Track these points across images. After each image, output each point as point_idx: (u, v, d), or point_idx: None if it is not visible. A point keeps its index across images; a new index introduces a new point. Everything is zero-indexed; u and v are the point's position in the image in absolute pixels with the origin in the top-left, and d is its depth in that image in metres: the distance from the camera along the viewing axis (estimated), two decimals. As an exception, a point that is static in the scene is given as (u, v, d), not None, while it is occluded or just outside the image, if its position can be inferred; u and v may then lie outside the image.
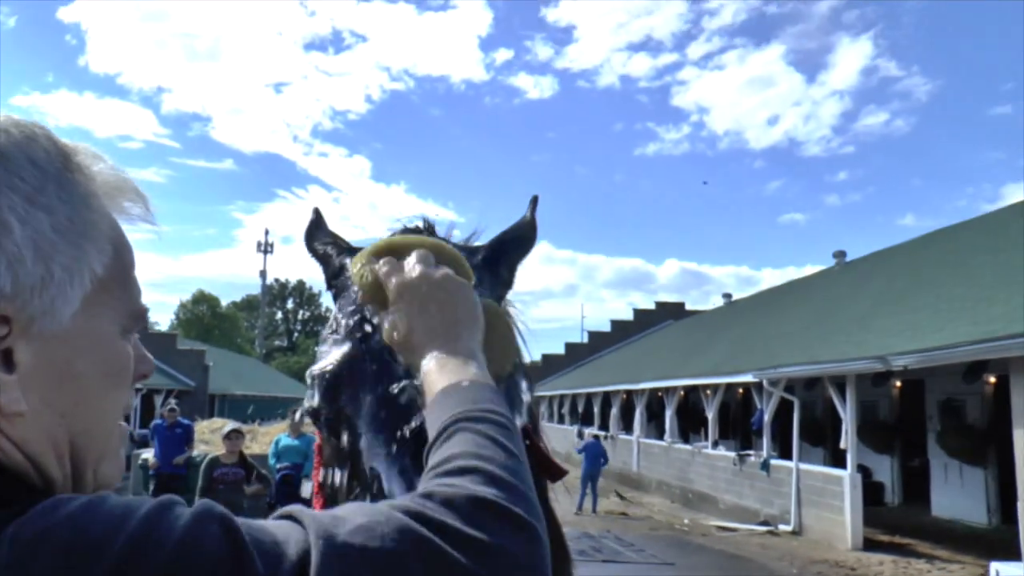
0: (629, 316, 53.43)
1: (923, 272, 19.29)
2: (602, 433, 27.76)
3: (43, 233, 0.81)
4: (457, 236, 1.56)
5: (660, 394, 26.64)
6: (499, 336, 1.26)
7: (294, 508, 0.83)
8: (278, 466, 12.41)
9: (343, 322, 1.33)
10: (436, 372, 1.06)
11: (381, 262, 1.20)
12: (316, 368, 1.32)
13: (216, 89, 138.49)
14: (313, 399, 1.31)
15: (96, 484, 0.89)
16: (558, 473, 1.51)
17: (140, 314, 0.94)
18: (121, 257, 0.91)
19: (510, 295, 1.54)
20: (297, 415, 13.23)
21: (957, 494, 17.95)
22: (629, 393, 29.61)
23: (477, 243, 1.55)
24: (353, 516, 0.79)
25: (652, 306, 53.49)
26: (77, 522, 0.70)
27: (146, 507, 0.74)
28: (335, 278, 1.47)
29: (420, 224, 1.48)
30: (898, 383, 19.59)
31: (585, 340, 53.55)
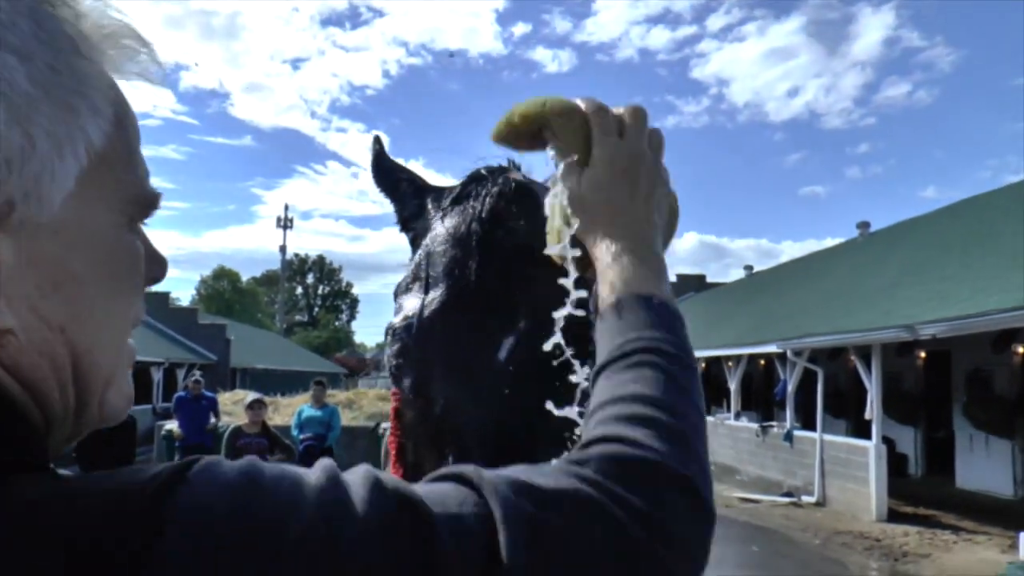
0: (649, 289, 53.26)
1: (950, 242, 19.02)
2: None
3: (16, 85, 0.60)
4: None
5: (682, 366, 26.53)
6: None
7: (462, 468, 0.68)
8: (301, 437, 12.41)
9: (433, 267, 1.19)
10: (625, 267, 0.86)
11: (590, 108, 0.95)
12: (398, 319, 1.20)
13: (234, 66, 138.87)
14: (393, 353, 1.18)
15: (101, 417, 0.72)
16: None
17: (150, 200, 0.75)
18: (123, 124, 0.71)
19: None
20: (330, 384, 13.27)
21: (983, 465, 17.79)
22: (650, 365, 29.52)
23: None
24: (532, 479, 0.65)
25: (673, 279, 53.15)
26: (240, 501, 0.57)
27: (316, 481, 0.60)
28: (413, 219, 1.33)
29: (500, 163, 1.33)
30: (923, 354, 19.42)
31: (605, 313, 53.47)
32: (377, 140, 1.45)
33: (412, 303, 1.18)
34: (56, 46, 0.64)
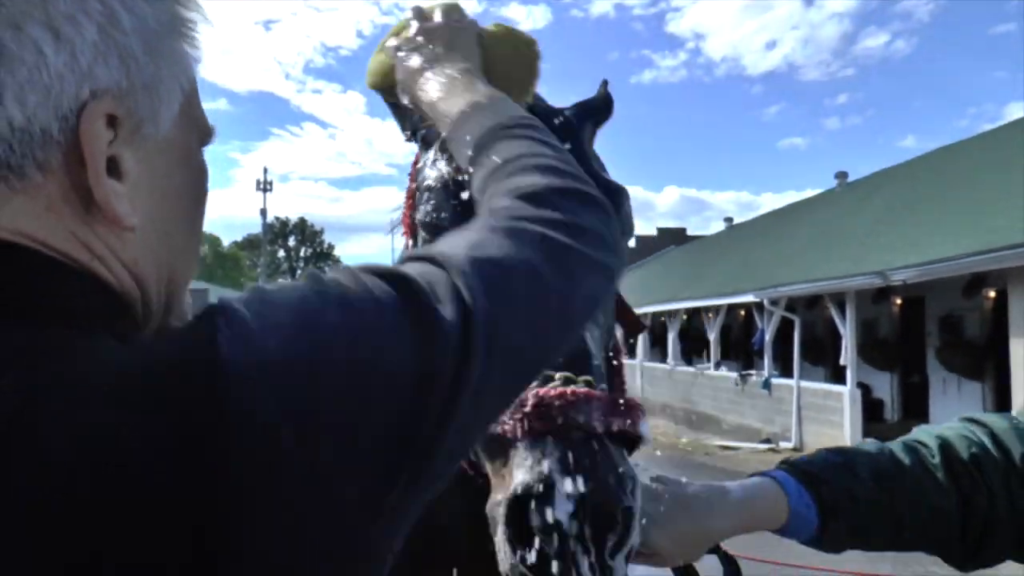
0: (631, 243, 53.36)
1: (925, 189, 19.20)
2: (606, 359, 27.92)
3: (149, 25, 0.71)
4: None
5: (663, 318, 26.80)
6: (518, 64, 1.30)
7: (429, 250, 0.80)
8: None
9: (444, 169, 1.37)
10: (445, 94, 1.10)
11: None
12: (434, 178, 1.37)
13: (205, 29, 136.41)
14: (429, 208, 1.35)
15: (179, 317, 0.83)
16: (636, 327, 1.64)
17: (211, 131, 0.87)
18: (196, 74, 0.83)
19: None
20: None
21: (955, 408, 18.12)
22: (632, 319, 29.74)
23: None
24: (471, 242, 0.81)
25: (654, 232, 53.40)
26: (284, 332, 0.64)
27: (323, 288, 0.70)
28: (417, 126, 1.52)
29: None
30: (899, 300, 19.67)
31: (588, 269, 53.59)
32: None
33: (433, 200, 1.38)
34: (168, 2, 0.75)
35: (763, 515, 1.27)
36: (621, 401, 1.12)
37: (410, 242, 1.45)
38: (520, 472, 1.06)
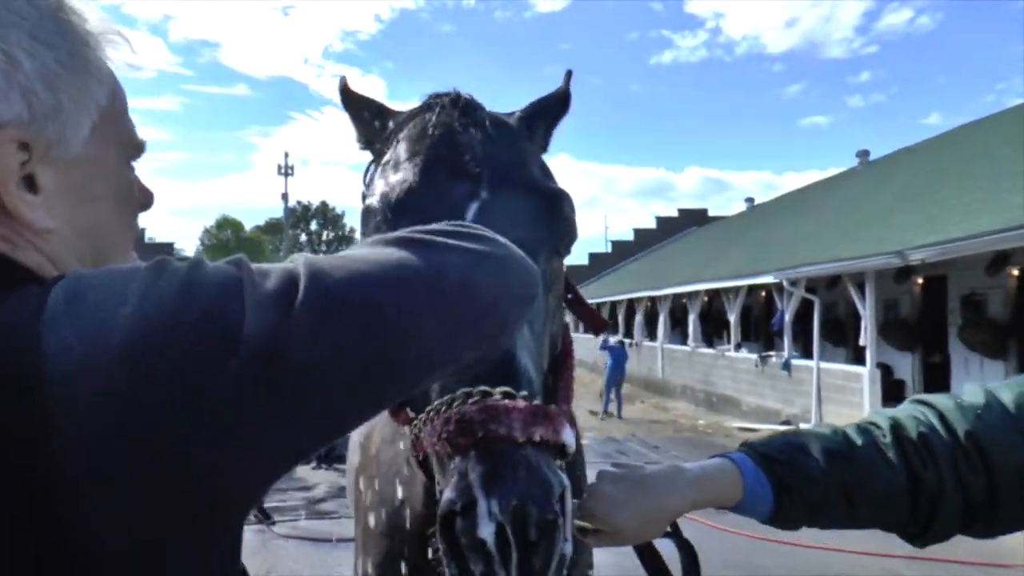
0: (652, 225, 53.24)
1: (946, 167, 18.98)
2: (627, 340, 27.95)
3: (48, 66, 0.87)
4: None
5: (683, 299, 26.73)
6: None
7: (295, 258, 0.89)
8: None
9: (399, 162, 1.39)
10: None
11: None
12: (375, 199, 1.38)
13: (223, 15, 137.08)
14: (371, 229, 1.36)
15: None
16: (599, 323, 1.66)
17: (140, 145, 1.04)
18: (116, 92, 0.98)
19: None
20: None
21: (978, 388, 17.99)
22: (653, 300, 29.75)
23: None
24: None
25: (675, 214, 53.19)
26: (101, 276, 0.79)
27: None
28: (373, 136, 1.57)
29: (454, 95, 1.52)
30: (920, 280, 19.50)
31: (609, 250, 53.53)
32: (342, 80, 1.70)
33: (384, 188, 1.38)
34: (72, 41, 0.90)
35: (718, 492, 1.32)
36: (543, 409, 1.13)
37: None
38: (447, 490, 1.09)
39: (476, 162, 1.34)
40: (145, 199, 1.07)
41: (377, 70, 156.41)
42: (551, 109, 1.62)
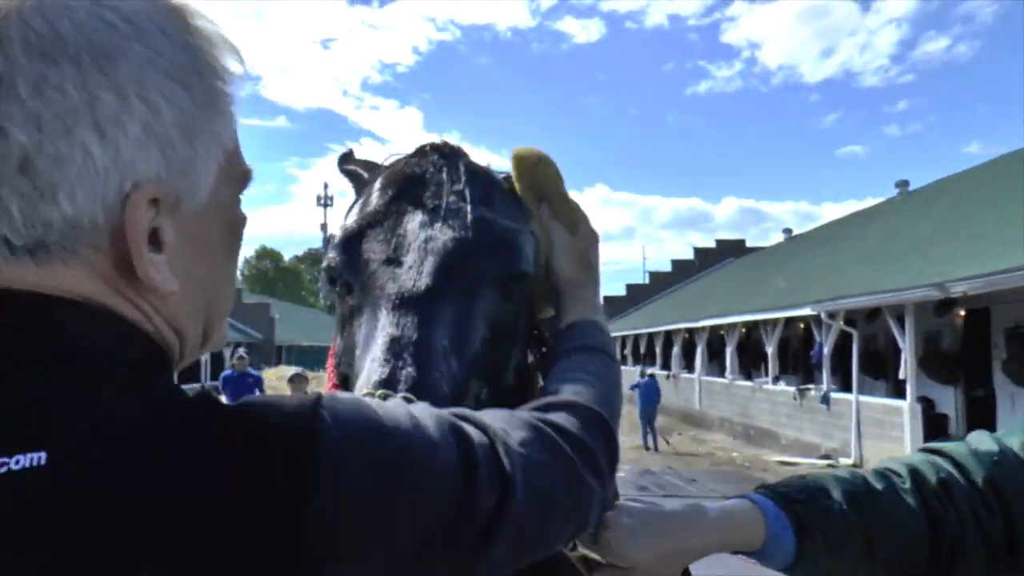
0: (689, 255, 52.97)
1: (987, 197, 18.71)
2: (664, 372, 27.77)
3: (187, 111, 0.78)
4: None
5: (720, 331, 26.53)
6: None
7: (484, 422, 0.93)
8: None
9: (367, 202, 1.42)
10: (590, 303, 1.41)
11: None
12: (337, 230, 1.42)
13: (264, 48, 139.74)
14: (331, 256, 1.38)
15: (216, 344, 0.95)
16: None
17: (249, 175, 0.94)
18: (235, 122, 0.88)
19: None
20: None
21: (1024, 423, 17.61)
22: (690, 331, 29.53)
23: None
24: (513, 431, 0.94)
25: (712, 244, 52.88)
26: (384, 433, 0.79)
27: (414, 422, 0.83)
28: (362, 188, 1.57)
29: (440, 143, 1.53)
30: (962, 312, 19.17)
31: (646, 281, 53.31)
32: (348, 150, 1.72)
33: (347, 222, 1.43)
34: (204, 75, 0.81)
35: (741, 534, 1.29)
36: None
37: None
38: None
39: (438, 197, 1.37)
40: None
41: (416, 102, 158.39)
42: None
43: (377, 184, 1.45)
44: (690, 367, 30.02)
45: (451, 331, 1.24)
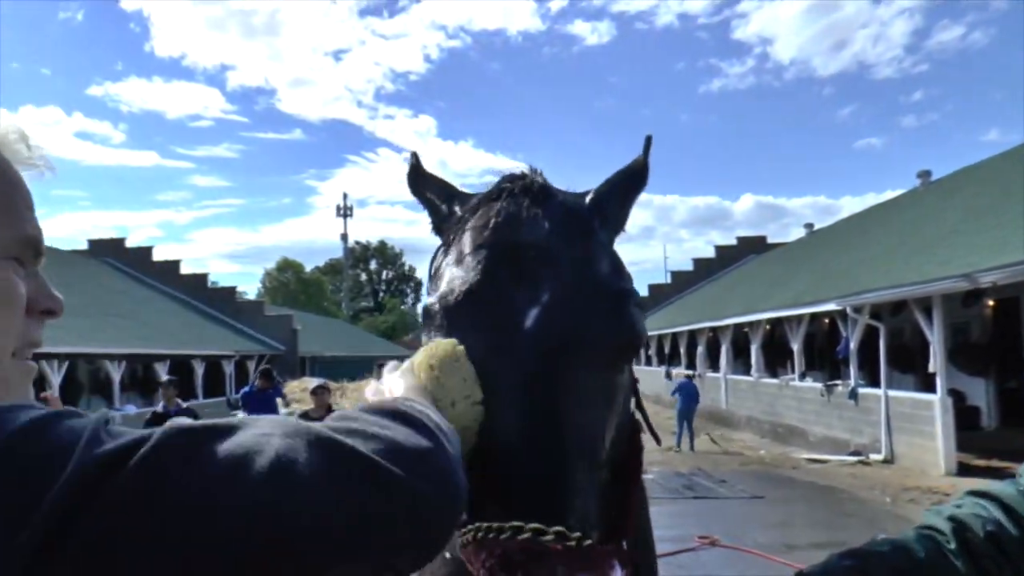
0: (711, 254, 52.76)
1: (1012, 186, 18.47)
2: (689, 372, 27.61)
3: None
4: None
5: (745, 329, 26.38)
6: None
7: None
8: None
9: (461, 257, 1.33)
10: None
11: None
12: (432, 299, 1.32)
13: (277, 62, 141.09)
14: (431, 333, 1.30)
15: None
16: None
17: (29, 240, 0.88)
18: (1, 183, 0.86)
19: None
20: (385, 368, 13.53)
21: (1058, 413, 17.38)
22: (714, 330, 29.40)
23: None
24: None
25: (733, 242, 52.65)
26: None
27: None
28: (442, 221, 1.49)
29: (522, 170, 1.46)
30: (991, 302, 18.97)
31: (668, 280, 53.13)
32: (414, 155, 1.60)
33: (444, 285, 1.32)
34: None
35: None
36: (589, 552, 1.08)
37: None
38: None
39: (539, 262, 1.27)
40: (47, 303, 0.92)
41: (430, 109, 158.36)
42: (628, 184, 1.52)
43: (465, 242, 1.35)
44: (715, 366, 29.87)
45: (577, 430, 1.17)
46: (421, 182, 1.57)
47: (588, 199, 1.45)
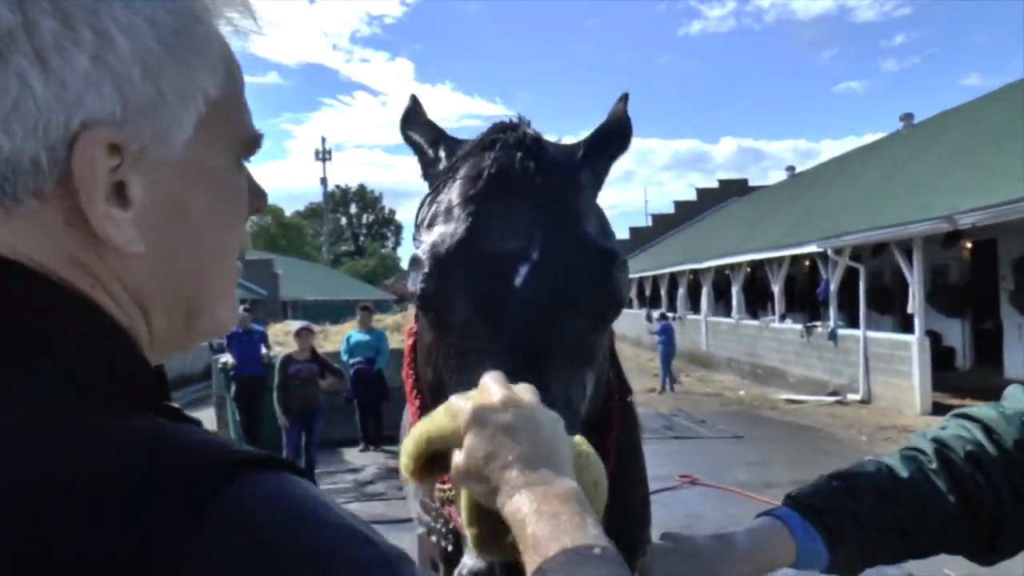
0: (692, 196, 52.78)
1: (993, 128, 18.51)
2: (670, 314, 27.79)
3: (149, 47, 0.69)
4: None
5: (726, 271, 26.52)
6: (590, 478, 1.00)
7: None
8: (351, 361, 12.76)
9: (451, 207, 1.32)
10: (544, 520, 0.84)
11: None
12: (423, 249, 1.31)
13: (241, 28, 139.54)
14: (418, 281, 1.29)
15: (213, 328, 0.84)
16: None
17: (255, 140, 0.85)
18: (234, 77, 0.81)
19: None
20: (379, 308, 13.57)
21: (1032, 353, 17.66)
22: (695, 272, 29.54)
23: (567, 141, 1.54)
24: None
25: (715, 185, 52.65)
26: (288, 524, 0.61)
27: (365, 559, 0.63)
28: (430, 167, 1.49)
29: (513, 119, 1.45)
30: (969, 244, 19.13)
31: (649, 224, 53.20)
32: (413, 98, 1.59)
33: (433, 235, 1.31)
34: (179, 13, 0.72)
35: (772, 557, 1.30)
36: None
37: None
38: (467, 555, 1.09)
39: (530, 217, 1.28)
40: (257, 202, 0.88)
41: (406, 52, 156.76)
42: (612, 144, 1.54)
43: (456, 192, 1.34)
44: (696, 308, 30.08)
45: (562, 395, 1.18)
46: (413, 125, 1.56)
47: (579, 154, 1.47)
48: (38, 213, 0.68)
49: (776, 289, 22.39)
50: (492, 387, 0.98)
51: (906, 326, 17.95)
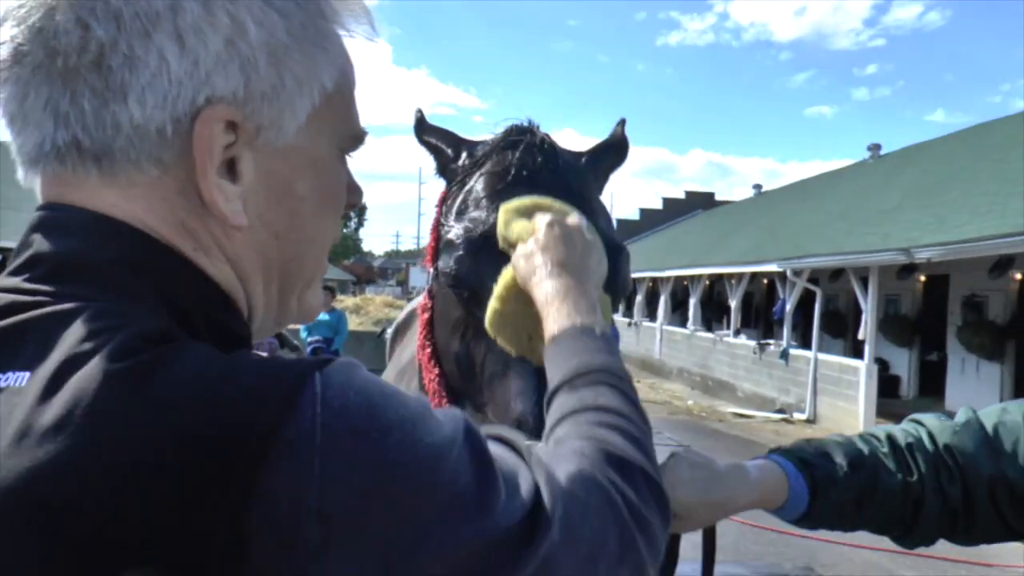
0: (658, 205, 53.12)
1: (956, 166, 18.97)
2: (626, 320, 28.01)
3: (277, 37, 0.76)
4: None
5: (685, 282, 26.78)
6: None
7: (515, 440, 0.82)
8: (309, 339, 12.87)
9: (481, 198, 1.46)
10: (569, 303, 1.08)
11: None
12: (455, 233, 1.45)
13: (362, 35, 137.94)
14: (452, 262, 1.42)
15: (301, 313, 0.89)
16: None
17: (360, 136, 0.90)
18: (347, 74, 0.86)
19: None
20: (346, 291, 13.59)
21: (972, 388, 18.09)
22: (655, 280, 29.77)
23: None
24: (559, 462, 0.81)
25: (681, 196, 53.02)
26: (372, 404, 0.67)
27: (414, 407, 0.70)
28: (449, 164, 1.63)
29: (526, 123, 1.58)
30: (923, 277, 19.56)
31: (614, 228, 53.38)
32: (418, 111, 1.74)
33: (467, 221, 1.46)
34: (307, 9, 0.79)
35: (772, 493, 1.41)
36: None
37: (431, 271, 1.56)
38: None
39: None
40: (354, 197, 0.93)
41: (383, 35, 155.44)
42: (610, 157, 1.71)
43: (484, 184, 1.48)
44: (652, 316, 30.34)
45: None
46: (427, 132, 1.71)
47: (585, 161, 1.63)
48: (156, 180, 0.75)
49: (733, 304, 22.70)
50: (570, 211, 1.29)
51: (856, 351, 18.33)
